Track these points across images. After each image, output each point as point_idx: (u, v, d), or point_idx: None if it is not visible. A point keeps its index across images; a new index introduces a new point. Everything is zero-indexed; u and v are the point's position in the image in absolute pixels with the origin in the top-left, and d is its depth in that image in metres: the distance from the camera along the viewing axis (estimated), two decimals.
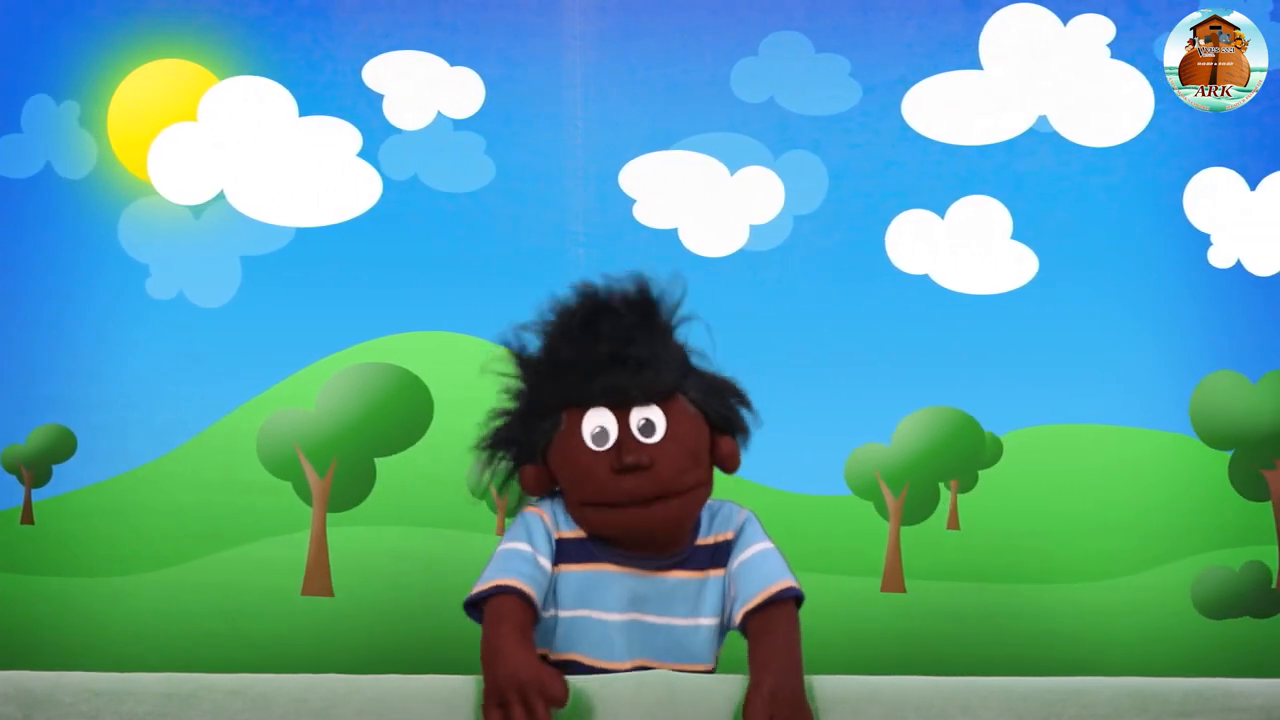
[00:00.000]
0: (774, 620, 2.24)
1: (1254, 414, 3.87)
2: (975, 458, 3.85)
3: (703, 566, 2.33)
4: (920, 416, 3.86)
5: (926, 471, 3.86)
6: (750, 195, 3.88)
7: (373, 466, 3.80)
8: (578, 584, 2.30)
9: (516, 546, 2.26)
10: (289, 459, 3.79)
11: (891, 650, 3.73)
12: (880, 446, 3.85)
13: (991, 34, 3.91)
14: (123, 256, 3.82)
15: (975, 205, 3.90)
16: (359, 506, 3.78)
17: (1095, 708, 2.14)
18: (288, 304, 3.82)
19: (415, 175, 3.86)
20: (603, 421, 2.25)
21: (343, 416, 3.81)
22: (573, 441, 2.26)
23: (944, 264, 3.89)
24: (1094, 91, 3.90)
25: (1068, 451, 3.84)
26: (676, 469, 2.24)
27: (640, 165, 3.88)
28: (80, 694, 2.10)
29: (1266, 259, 3.90)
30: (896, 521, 3.84)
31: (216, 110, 3.86)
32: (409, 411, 3.80)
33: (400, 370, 3.83)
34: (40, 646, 3.67)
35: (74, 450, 3.76)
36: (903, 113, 3.90)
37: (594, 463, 2.24)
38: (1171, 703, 2.15)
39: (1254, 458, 3.86)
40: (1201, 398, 3.86)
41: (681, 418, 2.28)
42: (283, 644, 3.70)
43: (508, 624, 2.12)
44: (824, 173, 3.90)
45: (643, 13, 3.91)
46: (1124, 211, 3.89)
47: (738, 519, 2.37)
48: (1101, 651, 3.76)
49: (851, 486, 3.83)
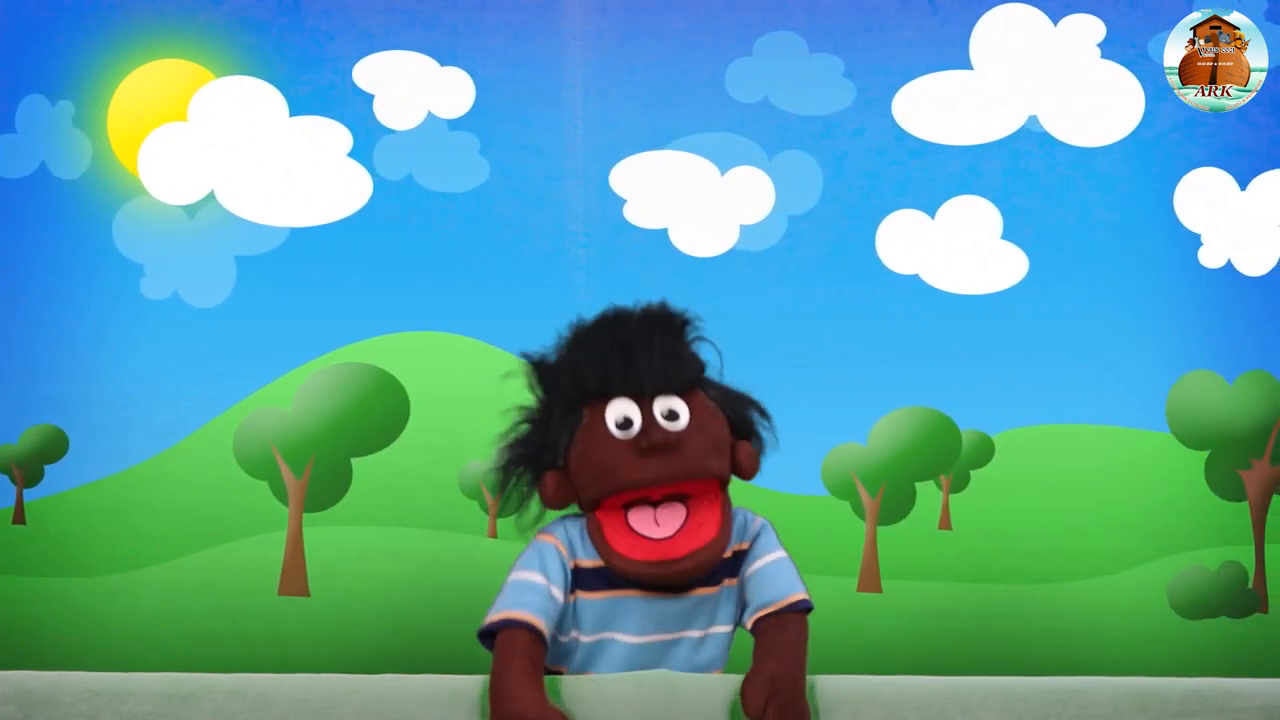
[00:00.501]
0: (784, 621, 2.28)
1: (1230, 414, 3.87)
2: (951, 458, 3.85)
3: (720, 579, 2.35)
4: (896, 417, 3.86)
5: (903, 472, 3.86)
6: (742, 195, 3.88)
7: (349, 466, 3.81)
8: (599, 610, 2.32)
9: (529, 577, 2.28)
10: (266, 459, 3.79)
11: (861, 651, 3.72)
12: (857, 446, 3.84)
13: (982, 34, 3.91)
14: (118, 256, 3.83)
15: (966, 205, 3.90)
16: (335, 506, 3.78)
17: (1095, 708, 2.15)
18: (282, 304, 3.82)
19: (410, 175, 3.86)
20: (626, 410, 2.26)
21: (319, 416, 3.81)
22: (596, 432, 2.27)
23: (934, 264, 3.89)
24: (1085, 91, 3.89)
25: (1058, 451, 3.84)
26: (702, 452, 2.25)
27: (631, 165, 3.88)
28: (80, 694, 2.11)
29: (1257, 259, 3.89)
30: (873, 521, 3.84)
31: (208, 110, 3.87)
32: (385, 411, 3.81)
33: (376, 370, 3.83)
34: (38, 646, 3.68)
35: (66, 450, 3.77)
36: (893, 113, 3.90)
37: (618, 449, 2.24)
38: (1171, 703, 2.16)
39: (1230, 458, 3.86)
40: (1178, 398, 3.86)
41: (704, 409, 2.29)
42: (259, 643, 3.71)
43: (516, 660, 2.15)
44: (818, 173, 3.89)
45: (641, 12, 3.91)
46: (1115, 211, 3.89)
47: (753, 527, 2.40)
48: (1078, 652, 3.76)
49: (828, 486, 3.83)
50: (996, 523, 3.83)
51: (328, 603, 3.73)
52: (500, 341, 3.77)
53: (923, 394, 3.86)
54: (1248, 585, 3.83)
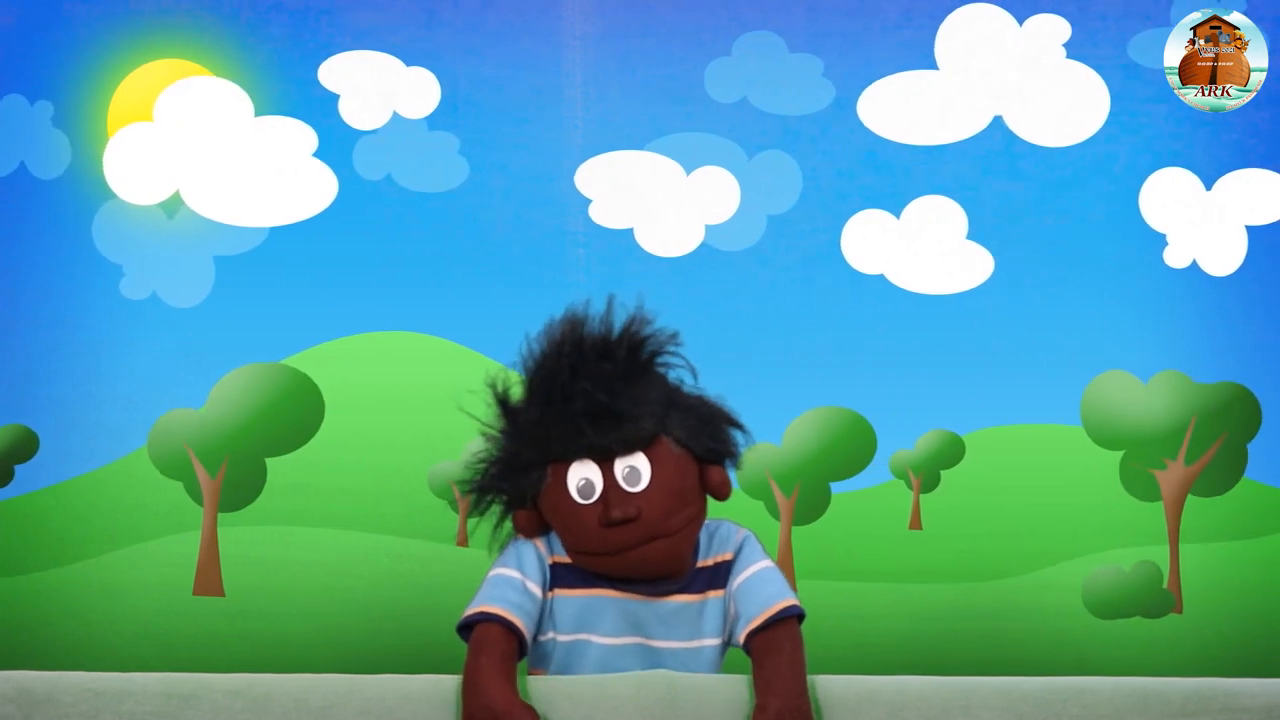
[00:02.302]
0: (777, 639, 2.24)
1: (1145, 414, 3.87)
2: (865, 458, 3.85)
3: (702, 589, 2.34)
4: (810, 417, 3.86)
5: (816, 472, 3.86)
6: (709, 195, 3.88)
7: (263, 466, 3.82)
8: (576, 608, 2.32)
9: (506, 573, 2.29)
10: (180, 459, 3.81)
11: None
12: (770, 446, 3.85)
13: (947, 34, 3.90)
14: (96, 256, 3.84)
15: (931, 205, 3.89)
16: (250, 506, 3.80)
17: (1095, 708, 2.14)
18: (261, 303, 3.84)
19: (389, 175, 3.87)
20: (587, 474, 2.25)
21: (233, 417, 3.82)
22: (559, 494, 2.27)
23: (900, 264, 3.89)
24: (1050, 91, 3.89)
25: (1027, 452, 3.84)
26: (663, 513, 2.24)
27: (597, 165, 3.89)
28: (80, 694, 2.11)
29: (1223, 259, 3.88)
30: (788, 522, 3.84)
31: (174, 110, 3.89)
32: (300, 412, 3.82)
33: (291, 370, 3.84)
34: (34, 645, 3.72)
35: (37, 450, 3.79)
36: (859, 113, 3.90)
37: (582, 515, 2.25)
38: (1172, 703, 2.15)
39: (1144, 458, 3.85)
40: (1091, 398, 3.85)
41: (666, 461, 2.27)
42: (175, 643, 3.73)
43: (487, 655, 2.16)
44: (797, 172, 3.90)
45: (638, 10, 3.91)
46: (1080, 211, 3.88)
47: (736, 539, 2.38)
48: (994, 651, 3.75)
49: (742, 486, 3.80)
50: (969, 524, 3.84)
51: (244, 602, 3.75)
52: (471, 342, 3.79)
53: (889, 393, 3.85)
54: (1162, 585, 3.82)
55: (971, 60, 3.90)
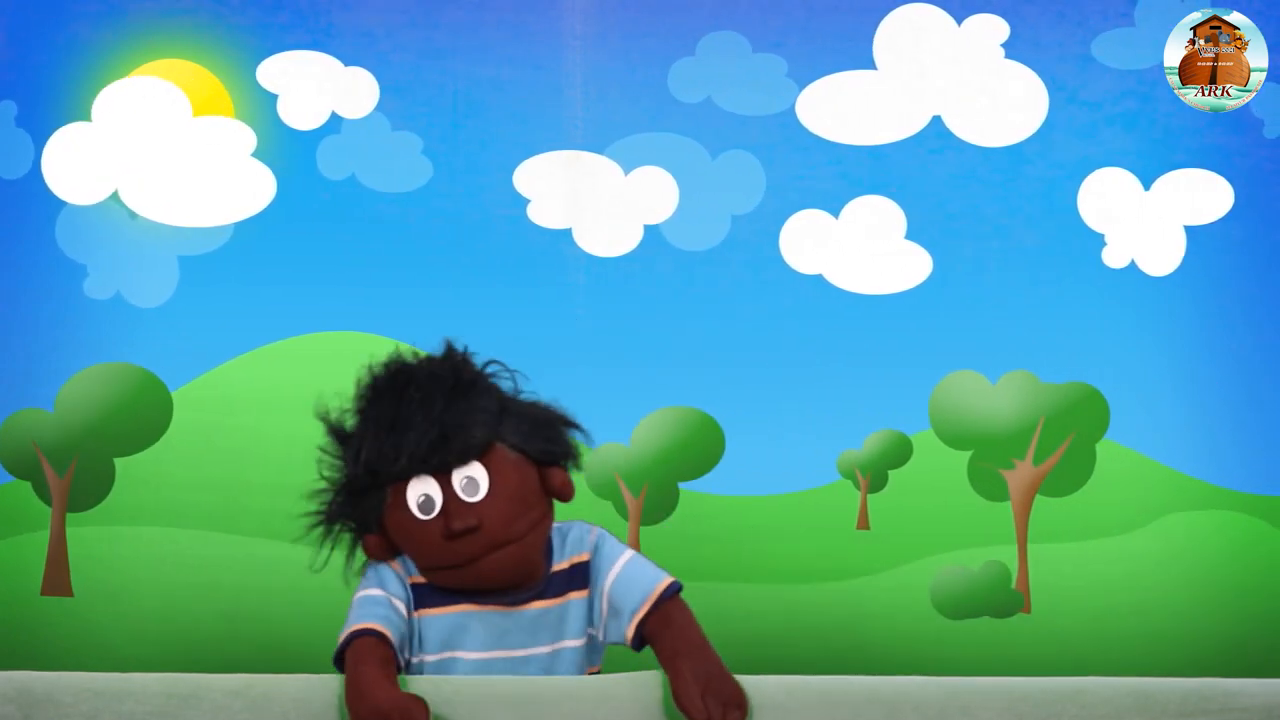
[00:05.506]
0: (667, 614, 2.27)
1: (992, 414, 3.85)
2: (713, 458, 3.84)
3: (561, 592, 2.36)
4: (658, 416, 3.85)
5: (665, 472, 3.85)
6: (647, 194, 3.89)
7: (112, 466, 3.84)
8: (441, 627, 2.34)
9: (370, 593, 2.31)
10: (29, 458, 3.83)
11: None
12: (619, 446, 3.84)
13: (885, 34, 3.90)
14: (60, 256, 3.86)
15: (870, 205, 3.89)
16: (98, 506, 3.81)
17: (1095, 708, 2.15)
18: (225, 302, 3.86)
19: (353, 175, 3.89)
20: (426, 489, 2.27)
21: (82, 416, 3.84)
22: (401, 513, 2.28)
23: (838, 264, 3.88)
24: (988, 91, 3.88)
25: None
26: (506, 520, 2.26)
27: (535, 165, 3.90)
28: (80, 694, 2.12)
29: (1161, 259, 3.88)
30: (635, 521, 3.84)
31: (112, 110, 3.91)
32: (148, 412, 3.83)
33: (139, 370, 3.85)
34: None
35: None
36: (796, 112, 3.90)
37: (426, 531, 2.26)
38: (1172, 703, 2.16)
39: (992, 457, 3.84)
40: (940, 398, 3.84)
41: (504, 468, 2.29)
42: (22, 642, 3.75)
43: (365, 663, 2.17)
44: (761, 172, 3.90)
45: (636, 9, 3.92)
46: (1018, 211, 3.88)
47: (590, 539, 2.40)
48: (843, 653, 3.75)
49: (591, 486, 3.79)
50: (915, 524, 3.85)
51: (92, 602, 3.77)
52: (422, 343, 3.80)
53: (831, 393, 3.86)
54: (1010, 585, 3.82)
55: (910, 60, 3.89)
